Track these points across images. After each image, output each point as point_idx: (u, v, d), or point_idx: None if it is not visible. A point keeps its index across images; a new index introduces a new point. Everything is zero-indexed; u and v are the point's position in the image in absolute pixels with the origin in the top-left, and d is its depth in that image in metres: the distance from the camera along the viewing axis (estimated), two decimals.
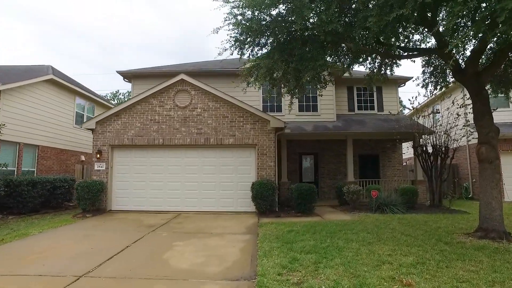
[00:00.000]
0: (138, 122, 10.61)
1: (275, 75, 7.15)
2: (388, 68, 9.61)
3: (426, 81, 9.64)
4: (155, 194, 10.50)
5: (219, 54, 7.06)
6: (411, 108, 11.97)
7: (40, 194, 10.77)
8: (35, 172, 13.03)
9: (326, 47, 7.14)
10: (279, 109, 13.95)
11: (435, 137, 11.33)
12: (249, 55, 7.54)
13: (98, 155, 10.41)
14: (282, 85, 8.04)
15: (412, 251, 5.38)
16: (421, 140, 12.11)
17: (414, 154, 11.70)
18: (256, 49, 7.47)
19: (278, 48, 6.89)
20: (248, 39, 6.86)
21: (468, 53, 7.82)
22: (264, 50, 7.49)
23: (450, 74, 9.22)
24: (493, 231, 6.27)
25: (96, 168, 10.45)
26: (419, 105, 11.63)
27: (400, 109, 12.26)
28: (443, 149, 11.00)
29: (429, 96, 10.25)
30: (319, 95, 9.60)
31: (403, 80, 15.06)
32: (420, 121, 11.94)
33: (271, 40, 7.11)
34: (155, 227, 7.89)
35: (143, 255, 5.47)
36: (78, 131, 15.70)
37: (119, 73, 13.74)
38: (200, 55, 64.50)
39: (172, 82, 10.61)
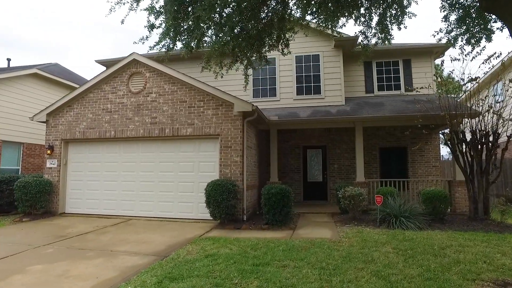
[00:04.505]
0: (90, 112, 9.18)
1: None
2: (394, 20, 6.65)
3: (453, 33, 6.43)
4: (109, 196, 8.96)
5: (111, 10, 5.04)
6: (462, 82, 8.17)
7: (6, 194, 10.01)
8: (20, 170, 12.60)
9: None
10: (272, 93, 11.47)
11: (480, 120, 7.83)
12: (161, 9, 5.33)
13: (49, 151, 9.25)
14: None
15: None
16: (461, 125, 8.65)
17: (446, 144, 8.30)
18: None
19: None
20: None
21: None
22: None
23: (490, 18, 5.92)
24: None
25: (48, 165, 9.30)
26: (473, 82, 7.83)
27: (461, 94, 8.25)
28: (490, 136, 7.49)
29: (462, 59, 6.90)
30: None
31: (441, 48, 11.34)
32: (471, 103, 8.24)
33: None
34: (64, 238, 6.25)
35: None
36: None
37: (98, 63, 12.66)
38: None
39: (124, 64, 8.94)
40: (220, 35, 5.70)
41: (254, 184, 9.23)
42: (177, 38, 5.28)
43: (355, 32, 6.76)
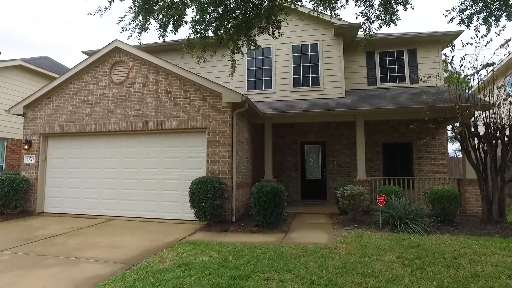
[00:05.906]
0: (70, 104, 8.53)
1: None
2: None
3: (467, 11, 5.66)
4: (90, 194, 8.33)
5: None
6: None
7: None
8: (3, 167, 12.02)
9: None
10: (268, 85, 10.75)
11: (494, 112, 7.07)
12: None
13: (26, 146, 8.63)
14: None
15: None
16: (473, 118, 7.89)
17: (456, 139, 7.54)
18: None
19: None
20: None
21: None
22: None
23: None
24: None
25: (25, 161, 8.69)
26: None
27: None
28: (507, 130, 6.73)
29: (475, 44, 6.14)
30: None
31: (449, 37, 10.55)
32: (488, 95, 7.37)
33: None
34: (29, 241, 5.61)
35: None
36: None
37: (85, 53, 11.97)
38: None
39: (106, 52, 8.28)
40: (200, 13, 4.99)
41: (246, 182, 8.55)
42: (149, 15, 4.59)
43: (355, 13, 6.02)
